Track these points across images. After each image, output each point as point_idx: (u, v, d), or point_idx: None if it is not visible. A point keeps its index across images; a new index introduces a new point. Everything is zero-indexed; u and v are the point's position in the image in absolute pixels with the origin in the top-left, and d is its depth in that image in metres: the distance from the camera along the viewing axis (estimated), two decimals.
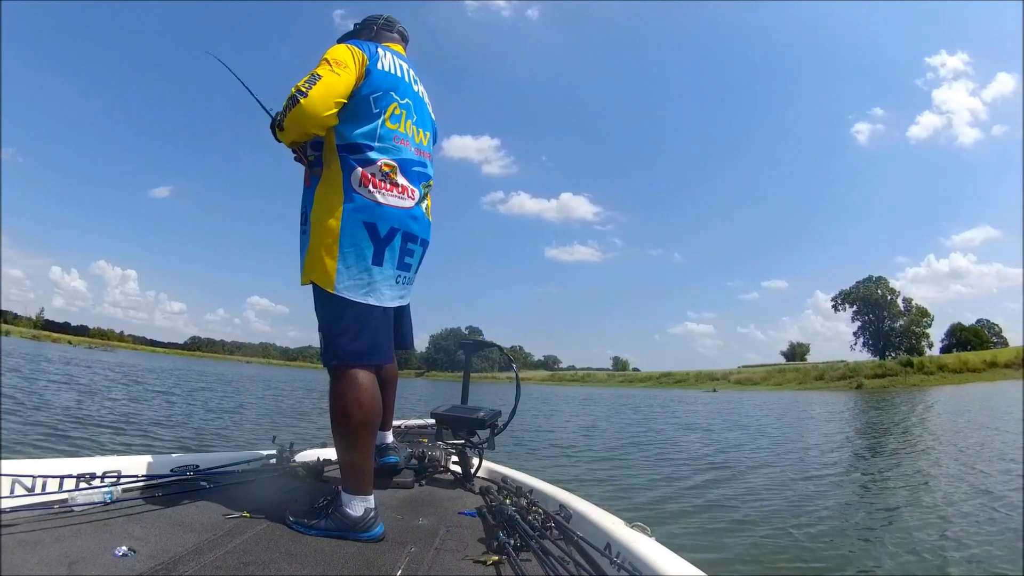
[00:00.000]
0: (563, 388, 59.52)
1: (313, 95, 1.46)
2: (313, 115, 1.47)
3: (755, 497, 5.45)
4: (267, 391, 19.96)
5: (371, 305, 1.53)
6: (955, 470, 6.88)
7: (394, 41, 1.78)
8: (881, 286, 65.40)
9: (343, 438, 1.49)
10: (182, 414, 9.73)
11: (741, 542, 3.95)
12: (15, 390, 9.74)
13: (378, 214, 1.52)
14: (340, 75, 1.50)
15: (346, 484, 1.48)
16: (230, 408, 11.93)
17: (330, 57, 1.53)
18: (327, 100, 1.48)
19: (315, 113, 1.46)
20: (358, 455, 1.48)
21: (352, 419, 1.47)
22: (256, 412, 11.72)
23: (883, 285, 65.59)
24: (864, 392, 37.27)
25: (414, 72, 1.72)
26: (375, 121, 1.55)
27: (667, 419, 16.45)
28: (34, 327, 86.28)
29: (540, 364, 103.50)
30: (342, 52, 1.54)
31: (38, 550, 1.12)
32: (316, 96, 1.46)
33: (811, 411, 20.15)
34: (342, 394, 1.48)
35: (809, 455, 8.69)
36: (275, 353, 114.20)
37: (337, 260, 1.49)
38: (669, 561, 1.16)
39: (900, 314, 63.58)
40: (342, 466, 1.52)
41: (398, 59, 1.66)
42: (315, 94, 1.46)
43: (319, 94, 1.46)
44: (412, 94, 1.66)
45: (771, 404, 25.27)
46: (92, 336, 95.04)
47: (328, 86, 1.48)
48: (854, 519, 4.70)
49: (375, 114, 1.55)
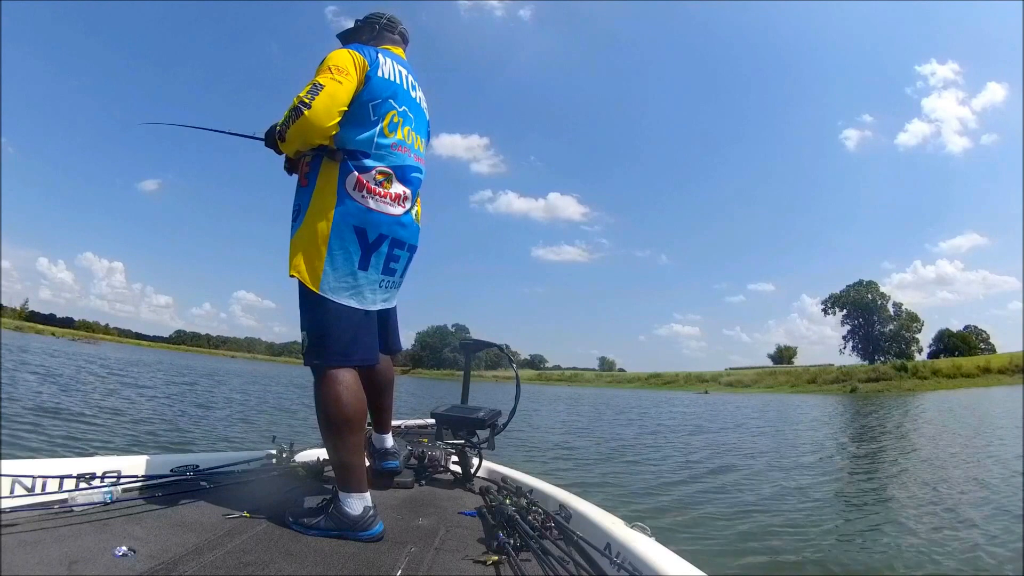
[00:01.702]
0: (550, 387, 59.28)
1: (316, 106, 1.45)
2: (318, 126, 1.47)
3: (766, 499, 5.42)
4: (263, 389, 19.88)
5: (354, 307, 1.54)
6: (959, 473, 6.87)
7: (395, 43, 1.78)
8: (872, 290, 65.79)
9: (329, 437, 1.50)
10: (152, 410, 9.56)
11: (759, 548, 3.92)
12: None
13: (368, 219, 1.54)
14: (342, 83, 1.49)
15: (340, 483, 1.49)
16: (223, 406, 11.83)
17: (332, 64, 1.52)
18: (331, 110, 1.47)
19: (319, 124, 1.46)
20: (346, 453, 1.49)
21: (334, 418, 1.48)
22: (246, 409, 11.63)
23: (873, 289, 65.99)
24: (859, 396, 37.19)
25: (413, 77, 1.73)
26: (373, 128, 1.56)
27: (669, 421, 16.36)
28: (19, 318, 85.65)
29: (527, 363, 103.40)
30: (344, 58, 1.54)
31: (38, 550, 1.12)
32: (319, 107, 1.45)
33: (811, 414, 20.14)
34: (324, 393, 1.49)
35: (813, 458, 8.65)
36: (261, 348, 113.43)
37: (325, 261, 1.51)
38: (669, 561, 1.16)
39: (890, 319, 63.90)
40: (333, 466, 1.53)
41: (398, 65, 1.67)
42: (318, 105, 1.45)
43: (322, 105, 1.46)
44: (410, 101, 1.67)
45: (767, 406, 25.22)
46: (77, 328, 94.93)
47: (331, 96, 1.47)
48: (860, 522, 4.67)
49: (373, 121, 1.56)
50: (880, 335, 63.07)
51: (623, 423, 15.19)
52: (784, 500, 5.42)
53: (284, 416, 10.91)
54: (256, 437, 7.47)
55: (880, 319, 63.77)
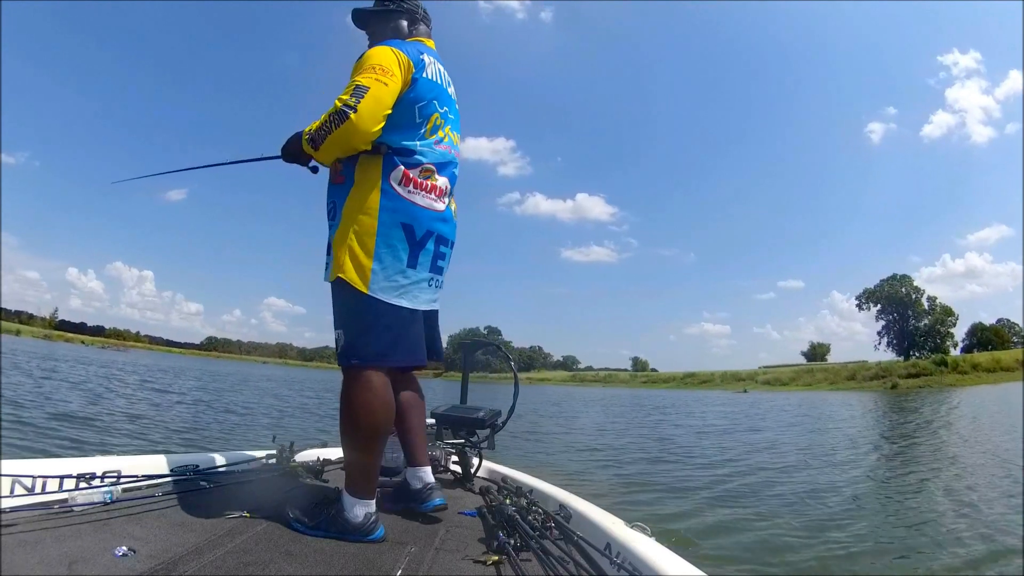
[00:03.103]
0: (585, 389, 58.49)
1: (363, 110, 1.36)
2: (364, 131, 1.38)
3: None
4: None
5: (404, 307, 1.48)
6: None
7: (426, 35, 1.68)
8: (906, 284, 64.24)
9: (351, 440, 1.46)
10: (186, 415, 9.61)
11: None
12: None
13: (415, 216, 1.48)
14: (388, 84, 1.40)
15: (349, 485, 1.46)
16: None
17: (375, 63, 1.42)
18: (376, 114, 1.39)
19: (366, 129, 1.38)
20: (365, 459, 1.46)
21: (362, 423, 1.43)
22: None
23: (907, 283, 64.44)
24: (900, 392, 36.20)
25: (446, 71, 1.64)
26: (418, 129, 1.50)
27: (721, 422, 15.78)
28: (48, 327, 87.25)
29: (559, 365, 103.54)
30: (388, 57, 1.44)
31: (38, 550, 1.12)
32: (365, 111, 1.36)
33: (858, 412, 19.40)
34: (354, 396, 1.44)
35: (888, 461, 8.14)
36: (292, 354, 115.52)
37: (373, 260, 1.44)
38: (669, 561, 1.16)
39: (924, 313, 62.22)
40: (347, 467, 1.50)
41: (438, 63, 1.60)
42: (364, 108, 1.36)
43: (368, 109, 1.37)
44: (449, 100, 1.61)
45: (814, 405, 24.22)
46: (108, 336, 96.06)
47: (377, 99, 1.38)
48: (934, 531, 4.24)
49: (418, 123, 1.50)
50: (915, 330, 61.76)
51: (690, 428, 13.98)
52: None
53: (312, 419, 10.87)
54: (256, 437, 7.47)
55: (915, 314, 62.42)
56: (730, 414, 19.27)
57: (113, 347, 69.52)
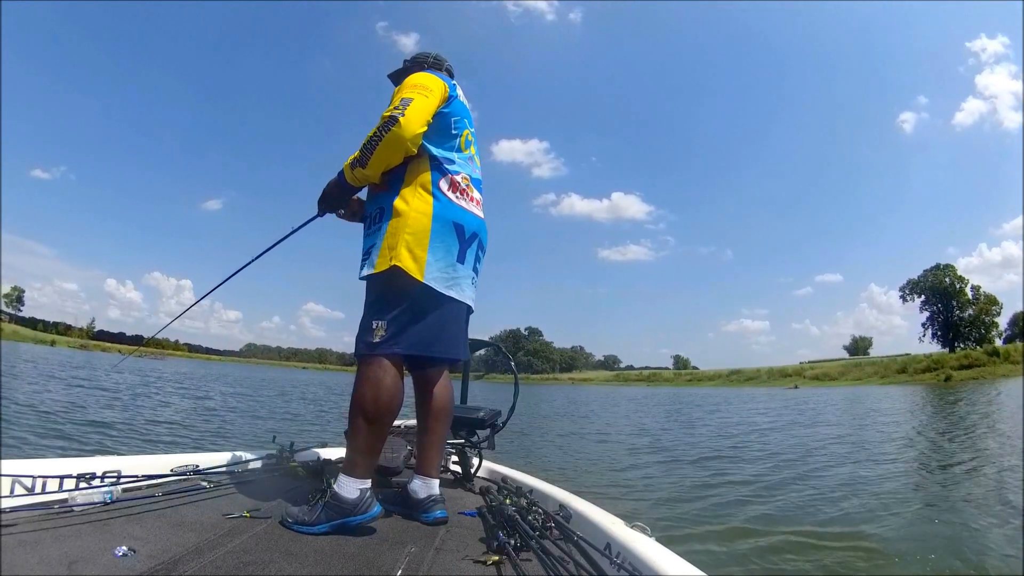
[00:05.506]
0: (629, 388, 57.51)
1: (409, 114, 1.51)
2: (411, 133, 1.51)
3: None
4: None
5: (453, 298, 1.58)
6: None
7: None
8: (949, 273, 61.88)
9: (356, 424, 1.50)
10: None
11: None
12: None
13: (463, 217, 1.62)
14: (428, 97, 1.57)
15: (346, 466, 1.50)
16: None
17: (416, 82, 1.60)
18: (421, 118, 1.54)
19: (412, 131, 1.51)
20: (367, 444, 1.50)
21: (374, 405, 1.49)
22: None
23: (951, 273, 62.02)
24: (954, 384, 34.61)
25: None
26: (454, 141, 1.66)
27: (790, 419, 14.66)
28: (85, 337, 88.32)
29: (601, 364, 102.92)
30: (427, 78, 1.63)
31: (38, 550, 1.12)
32: (412, 115, 1.51)
33: (931, 406, 18.35)
34: (370, 378, 1.50)
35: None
36: (332, 359, 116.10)
37: (427, 252, 1.54)
38: (669, 561, 1.15)
39: (969, 303, 59.89)
40: (348, 449, 1.54)
41: (463, 92, 1.77)
42: (411, 113, 1.51)
43: (414, 113, 1.52)
44: (472, 125, 1.78)
45: (878, 399, 22.93)
46: (147, 345, 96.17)
47: (420, 107, 1.54)
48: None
49: (453, 135, 1.66)
50: (959, 321, 59.60)
51: (778, 429, 12.36)
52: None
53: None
54: (256, 437, 7.46)
55: (959, 304, 60.14)
56: (791, 411, 17.76)
57: (151, 355, 69.48)
